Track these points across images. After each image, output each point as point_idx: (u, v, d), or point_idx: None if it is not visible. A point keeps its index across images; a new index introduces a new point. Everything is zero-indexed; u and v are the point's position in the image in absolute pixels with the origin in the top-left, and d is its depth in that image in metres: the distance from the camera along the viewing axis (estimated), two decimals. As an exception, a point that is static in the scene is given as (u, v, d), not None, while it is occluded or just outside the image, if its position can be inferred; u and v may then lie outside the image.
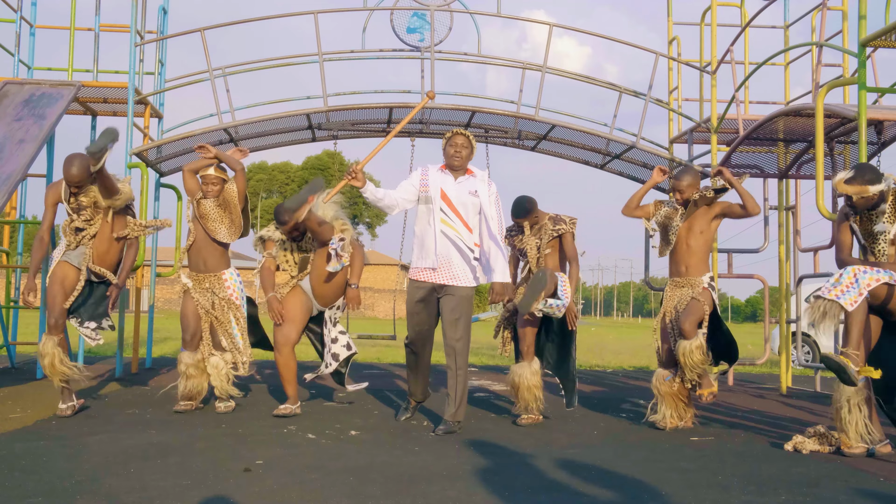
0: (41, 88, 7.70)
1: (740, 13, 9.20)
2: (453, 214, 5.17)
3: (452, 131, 5.27)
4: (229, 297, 5.98)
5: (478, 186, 5.23)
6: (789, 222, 8.56)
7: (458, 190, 5.21)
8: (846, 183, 4.73)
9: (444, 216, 5.17)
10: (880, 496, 3.74)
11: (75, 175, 5.44)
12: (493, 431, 5.36)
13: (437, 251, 5.15)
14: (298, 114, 8.66)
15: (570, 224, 5.91)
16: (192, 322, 5.94)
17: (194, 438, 4.75)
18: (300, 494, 3.49)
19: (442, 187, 5.20)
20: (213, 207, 5.95)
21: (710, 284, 5.69)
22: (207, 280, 6.00)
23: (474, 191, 5.21)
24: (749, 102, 9.23)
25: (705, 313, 5.58)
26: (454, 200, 5.19)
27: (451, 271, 5.17)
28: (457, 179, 5.24)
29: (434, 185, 5.21)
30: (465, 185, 5.23)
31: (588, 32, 9.22)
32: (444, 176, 5.25)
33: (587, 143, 9.32)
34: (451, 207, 5.18)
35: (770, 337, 9.27)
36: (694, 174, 5.88)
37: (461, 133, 5.24)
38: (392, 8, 8.61)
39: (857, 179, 4.71)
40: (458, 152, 5.21)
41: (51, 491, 3.42)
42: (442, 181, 5.22)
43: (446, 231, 5.16)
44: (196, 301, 5.95)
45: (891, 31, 5.66)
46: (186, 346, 5.94)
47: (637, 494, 3.64)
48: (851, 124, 6.95)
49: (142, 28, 8.81)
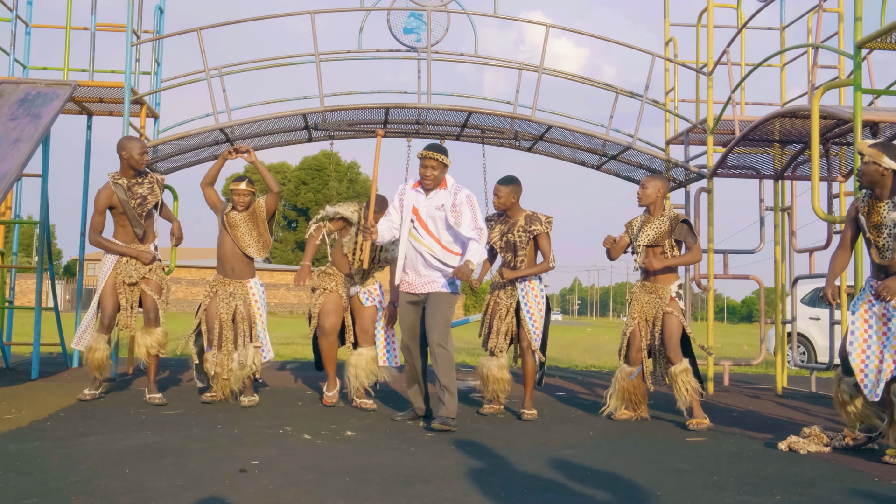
0: (37, 88, 7.68)
1: (737, 14, 9.22)
2: (423, 230, 5.50)
3: (423, 153, 5.49)
4: (252, 304, 6.31)
5: (444, 200, 5.49)
6: (785, 223, 8.57)
7: (427, 205, 5.52)
8: (869, 146, 4.68)
9: (414, 231, 5.51)
10: (875, 496, 3.75)
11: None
12: (488, 432, 5.36)
13: (412, 265, 5.52)
14: (295, 114, 8.66)
15: (546, 224, 6.10)
16: (218, 324, 6.21)
17: (190, 439, 4.74)
18: (296, 495, 3.49)
19: (414, 204, 5.54)
20: (242, 219, 6.28)
21: (678, 293, 5.83)
22: (232, 285, 6.29)
23: (441, 205, 5.48)
24: (745, 104, 9.25)
25: (682, 327, 5.81)
26: (424, 216, 5.51)
27: (426, 281, 5.50)
28: (428, 196, 5.54)
29: (408, 203, 5.55)
30: (434, 200, 5.52)
31: (585, 33, 9.23)
32: (417, 194, 5.56)
33: (584, 143, 9.33)
34: (422, 223, 5.50)
35: (765, 337, 9.28)
36: (657, 181, 6.00)
37: (432, 157, 5.45)
38: (389, 8, 8.61)
39: (879, 146, 4.66)
40: (428, 175, 5.48)
41: (45, 492, 3.41)
42: (415, 199, 5.56)
43: (416, 245, 5.50)
44: (218, 304, 6.23)
45: (886, 32, 5.68)
46: (212, 346, 6.21)
47: (633, 495, 3.64)
48: (847, 126, 6.96)
49: (138, 27, 8.79)
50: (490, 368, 6.06)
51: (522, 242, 6.06)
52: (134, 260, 6.20)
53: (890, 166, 4.59)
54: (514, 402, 6.62)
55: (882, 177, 4.64)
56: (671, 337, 5.75)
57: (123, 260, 6.19)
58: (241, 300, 6.27)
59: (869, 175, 4.67)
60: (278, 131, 9.31)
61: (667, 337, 5.77)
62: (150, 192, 6.24)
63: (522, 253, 6.07)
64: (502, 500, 3.50)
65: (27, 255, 51.51)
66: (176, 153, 9.10)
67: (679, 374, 5.68)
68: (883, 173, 4.62)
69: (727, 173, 8.57)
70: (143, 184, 6.23)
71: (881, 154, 4.60)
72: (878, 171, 4.63)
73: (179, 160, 9.43)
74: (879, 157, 4.60)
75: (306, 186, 66.77)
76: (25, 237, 54.77)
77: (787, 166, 8.31)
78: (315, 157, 66.51)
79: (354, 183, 68.54)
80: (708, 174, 8.40)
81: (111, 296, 6.15)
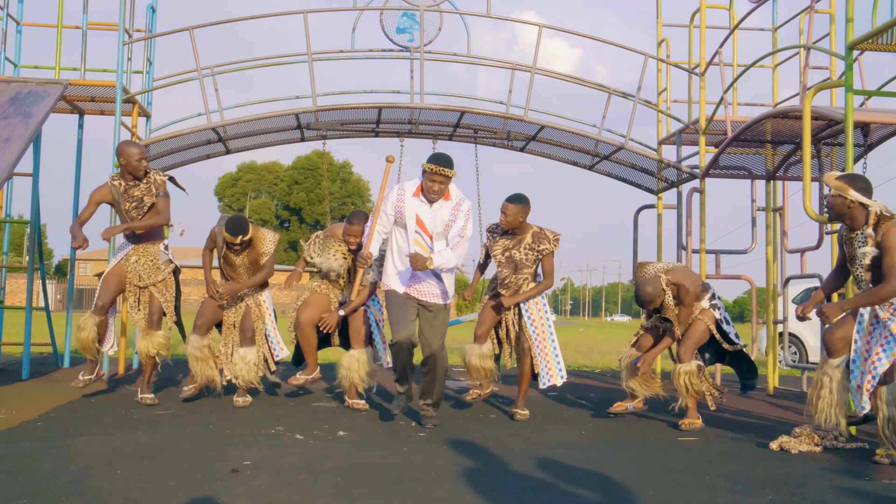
0: (28, 86, 7.64)
1: (729, 15, 9.24)
2: (429, 240, 5.36)
3: (432, 168, 5.21)
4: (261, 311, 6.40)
5: (450, 215, 5.38)
6: (777, 223, 8.60)
7: (432, 218, 5.37)
8: (836, 178, 4.69)
9: (420, 240, 5.36)
10: (866, 495, 3.76)
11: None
12: (481, 432, 5.36)
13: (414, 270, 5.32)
14: (287, 113, 8.64)
15: (554, 242, 6.01)
16: (209, 313, 6.27)
17: (181, 439, 4.73)
18: (288, 495, 3.48)
19: (418, 213, 5.37)
20: (240, 261, 6.26)
21: (713, 304, 5.86)
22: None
23: (446, 220, 5.37)
24: (737, 104, 9.27)
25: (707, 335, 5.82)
26: (430, 229, 5.37)
27: (427, 289, 5.43)
28: (432, 207, 5.38)
29: (410, 212, 5.36)
30: (440, 213, 5.38)
31: (577, 34, 9.24)
32: (421, 204, 5.37)
33: (576, 143, 9.34)
34: (427, 234, 5.36)
35: (757, 337, 9.30)
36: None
37: (440, 172, 5.20)
38: (382, 8, 8.60)
39: (845, 178, 4.67)
40: (435, 189, 5.28)
41: (36, 492, 3.40)
42: (418, 208, 5.37)
43: (420, 251, 5.32)
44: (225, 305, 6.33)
45: (878, 34, 5.70)
46: (196, 331, 6.22)
47: (625, 495, 3.65)
48: (838, 126, 6.98)
49: (130, 26, 8.75)
50: (472, 356, 6.06)
51: (528, 261, 5.97)
52: (143, 259, 6.17)
53: (855, 199, 4.56)
54: (507, 402, 6.63)
55: (849, 209, 4.63)
56: (690, 337, 5.77)
57: (133, 258, 6.18)
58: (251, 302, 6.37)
59: (835, 207, 4.67)
60: (271, 131, 9.29)
61: (687, 336, 5.78)
62: (147, 194, 6.19)
63: (527, 271, 5.98)
64: (494, 500, 3.50)
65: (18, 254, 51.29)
66: (168, 153, 9.07)
67: (683, 373, 5.69)
68: (849, 206, 4.61)
69: (719, 174, 8.59)
70: (139, 186, 6.18)
71: (847, 187, 4.58)
72: (845, 203, 4.62)
73: (171, 160, 9.41)
74: (845, 189, 4.58)
75: (299, 186, 66.73)
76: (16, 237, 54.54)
77: (778, 167, 8.33)
78: (308, 157, 66.50)
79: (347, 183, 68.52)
80: (700, 174, 8.42)
81: (112, 281, 6.12)
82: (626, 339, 6.22)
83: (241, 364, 6.18)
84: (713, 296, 5.94)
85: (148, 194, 6.18)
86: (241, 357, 6.21)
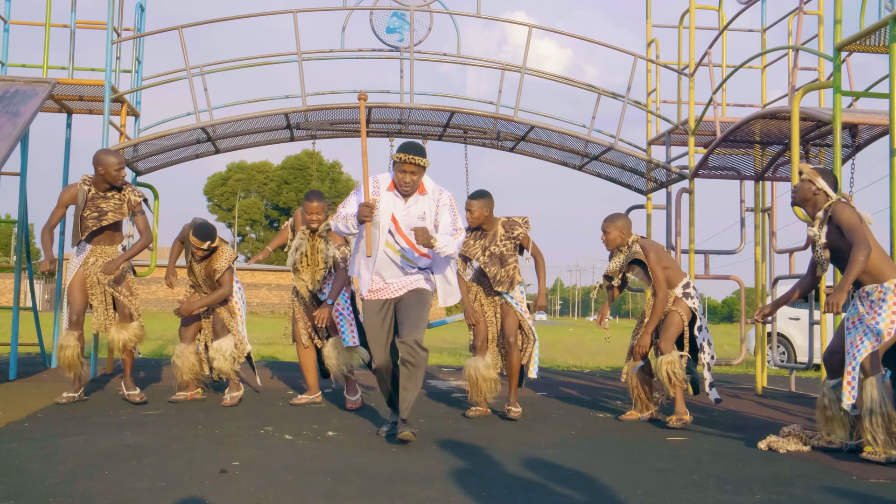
0: (15, 85, 7.59)
1: (718, 16, 9.28)
2: (401, 239, 4.96)
3: (402, 157, 4.80)
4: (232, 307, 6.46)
5: (426, 208, 4.99)
6: (765, 224, 8.63)
7: (406, 215, 4.96)
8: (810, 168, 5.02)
9: (390, 240, 4.96)
10: (853, 494, 3.78)
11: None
12: (470, 432, 5.36)
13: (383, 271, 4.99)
14: (277, 113, 8.62)
15: (524, 224, 6.02)
16: (190, 319, 6.39)
17: (170, 440, 4.71)
18: (277, 496, 3.48)
19: (393, 212, 4.96)
20: (199, 270, 6.35)
21: (685, 293, 5.84)
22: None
23: (422, 214, 4.97)
24: (726, 105, 9.31)
25: (683, 325, 5.84)
26: (403, 225, 4.96)
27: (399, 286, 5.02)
28: (407, 203, 4.97)
29: (384, 209, 4.95)
30: (415, 209, 4.97)
31: (567, 34, 9.26)
32: (396, 199, 4.95)
33: (566, 144, 9.36)
34: (400, 233, 4.96)
35: (746, 337, 9.34)
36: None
37: (411, 161, 4.79)
38: (372, 8, 8.60)
39: (817, 169, 5.02)
40: (408, 181, 4.89)
41: (23, 493, 3.38)
42: (393, 205, 4.94)
43: (390, 254, 4.97)
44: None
45: (866, 35, 5.74)
46: (183, 340, 6.38)
47: (613, 495, 3.66)
48: (827, 127, 7.03)
49: (118, 25, 8.71)
50: (478, 370, 5.91)
51: (509, 250, 5.98)
52: (101, 261, 6.10)
53: (822, 187, 4.94)
54: (498, 400, 6.62)
55: (814, 195, 4.97)
56: (667, 330, 5.82)
57: (90, 260, 6.11)
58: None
59: (802, 192, 5.02)
60: (260, 130, 9.27)
61: (663, 329, 5.84)
62: (116, 210, 6.05)
63: (513, 261, 5.98)
64: (484, 500, 3.50)
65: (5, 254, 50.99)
66: (157, 152, 9.03)
67: (665, 363, 5.71)
68: (815, 192, 4.96)
69: (708, 174, 8.62)
70: (110, 199, 6.04)
71: (817, 175, 4.98)
72: (811, 189, 4.97)
73: (160, 159, 9.36)
74: (815, 176, 4.97)
75: (288, 186, 66.52)
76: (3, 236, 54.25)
77: (767, 167, 8.37)
78: (297, 157, 66.30)
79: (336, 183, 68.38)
80: (689, 175, 8.45)
81: (78, 290, 6.07)
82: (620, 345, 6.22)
83: (218, 357, 6.22)
84: (687, 284, 5.95)
85: (116, 211, 6.04)
86: (217, 349, 6.23)
